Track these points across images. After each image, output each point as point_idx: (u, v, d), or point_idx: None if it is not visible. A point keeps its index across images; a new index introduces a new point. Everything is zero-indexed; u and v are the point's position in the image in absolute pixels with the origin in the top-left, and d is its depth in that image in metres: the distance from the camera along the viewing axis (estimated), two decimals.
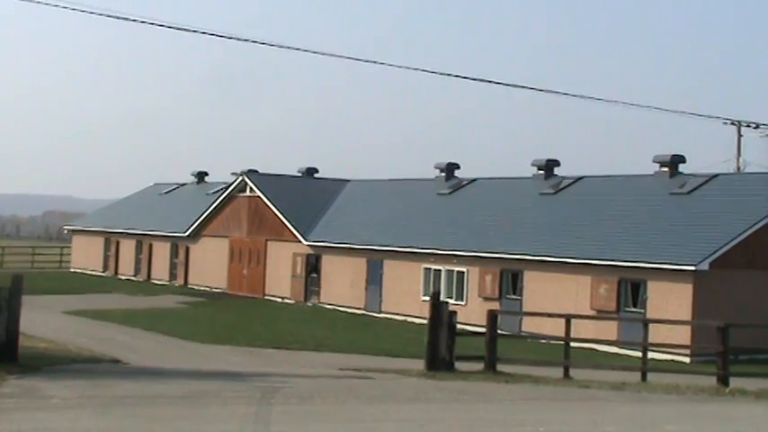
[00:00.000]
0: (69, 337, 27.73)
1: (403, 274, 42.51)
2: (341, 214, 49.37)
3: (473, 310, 37.84)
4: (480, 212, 42.89)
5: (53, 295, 44.84)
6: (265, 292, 49.80)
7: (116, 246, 62.59)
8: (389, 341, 32.93)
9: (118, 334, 31.19)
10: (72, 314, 37.31)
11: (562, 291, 35.92)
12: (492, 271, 38.59)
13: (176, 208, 60.68)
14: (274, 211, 49.73)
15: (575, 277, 35.63)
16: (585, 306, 34.78)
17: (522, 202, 42.31)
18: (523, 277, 37.57)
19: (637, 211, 37.39)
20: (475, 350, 22.74)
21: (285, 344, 30.30)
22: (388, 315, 42.39)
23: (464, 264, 39.84)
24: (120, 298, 46.38)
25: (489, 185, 45.99)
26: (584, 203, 39.82)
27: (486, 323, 22.02)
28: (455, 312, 21.90)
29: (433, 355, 21.15)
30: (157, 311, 40.22)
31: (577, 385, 19.24)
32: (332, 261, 46.35)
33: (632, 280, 34.00)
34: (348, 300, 44.86)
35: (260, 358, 26.40)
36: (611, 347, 32.29)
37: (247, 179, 52.13)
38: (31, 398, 14.29)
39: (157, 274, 58.39)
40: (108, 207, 71.54)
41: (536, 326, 33.91)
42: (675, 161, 39.59)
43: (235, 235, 52.68)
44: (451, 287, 40.12)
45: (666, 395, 18.10)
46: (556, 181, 43.03)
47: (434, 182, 48.45)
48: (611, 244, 35.48)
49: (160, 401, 14.48)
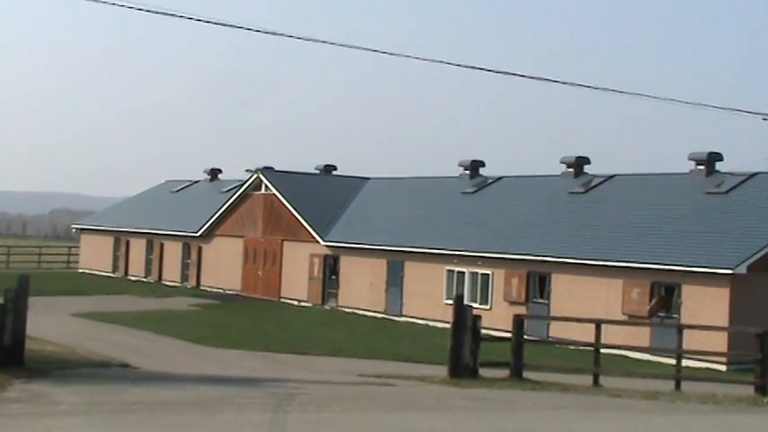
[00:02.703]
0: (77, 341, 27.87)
1: (425, 277, 42.50)
2: (360, 214, 49.40)
3: (498, 315, 37.78)
4: (506, 212, 42.82)
5: (60, 297, 45.07)
6: (281, 295, 49.89)
7: (126, 245, 62.85)
8: (410, 346, 32.92)
9: (127, 337, 31.31)
10: (80, 316, 37.49)
11: (592, 294, 35.82)
12: (518, 273, 38.52)
13: (188, 206, 60.88)
14: (291, 209, 49.80)
15: (605, 280, 35.51)
16: (616, 311, 34.67)
17: (551, 201, 42.21)
18: (551, 280, 37.49)
19: (671, 211, 37.24)
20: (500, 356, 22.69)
21: (301, 348, 30.34)
22: (410, 319, 42.39)
23: (489, 266, 39.79)
24: (129, 300, 46.57)
25: (516, 184, 45.91)
26: (615, 203, 39.69)
27: (512, 328, 21.97)
28: (479, 317, 21.87)
29: (457, 362, 21.13)
30: (169, 314, 40.37)
31: (608, 394, 19.18)
32: (351, 262, 46.38)
33: (666, 283, 33.86)
34: (367, 303, 44.89)
35: (275, 363, 26.45)
36: (643, 354, 32.20)
37: (262, 176, 52.24)
38: (38, 403, 14.38)
39: (169, 276, 58.60)
40: (117, 205, 71.85)
41: (564, 331, 33.82)
42: (712, 159, 39.39)
43: (249, 235, 52.79)
44: (476, 290, 40.07)
45: (701, 405, 18.02)
46: (586, 179, 42.90)
47: (458, 180, 48.42)
48: (643, 246, 35.35)
49: (171, 408, 14.53)
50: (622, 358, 31.48)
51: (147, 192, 70.45)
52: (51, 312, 37.26)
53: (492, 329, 34.34)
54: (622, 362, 30.52)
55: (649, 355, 32.11)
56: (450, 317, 22.06)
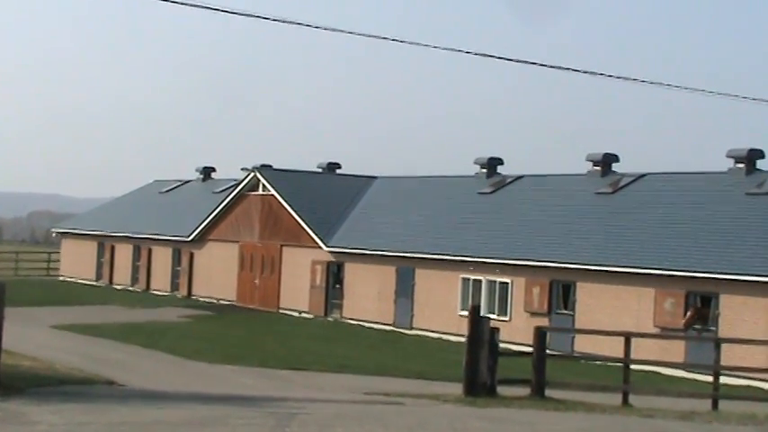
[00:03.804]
0: (58, 355, 27.88)
1: (438, 286, 42.50)
2: (367, 216, 49.43)
3: (518, 327, 37.75)
4: (527, 214, 42.80)
5: (39, 307, 45.10)
6: (280, 306, 49.93)
7: (111, 251, 62.96)
8: (422, 362, 32.92)
9: (113, 352, 31.34)
10: (61, 329, 37.54)
11: (621, 305, 35.78)
12: (540, 282, 38.50)
13: (179, 208, 60.98)
14: (291, 211, 49.86)
15: (636, 289, 35.47)
16: (648, 323, 34.62)
17: (576, 202, 42.19)
18: (576, 289, 37.46)
19: (708, 213, 37.17)
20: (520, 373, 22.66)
21: (302, 364, 30.34)
22: (421, 332, 42.39)
23: (508, 273, 39.77)
24: (115, 311, 46.62)
25: (537, 183, 45.89)
26: (646, 205, 39.64)
27: (534, 342, 21.95)
28: (497, 329, 21.86)
29: (473, 379, 21.12)
30: (158, 326, 40.41)
31: (639, 414, 19.15)
32: (356, 270, 46.40)
33: (702, 293, 33.79)
34: (375, 314, 44.91)
35: (273, 380, 26.46)
36: (677, 371, 32.13)
37: (260, 175, 52.31)
38: (14, 423, 14.38)
39: (158, 284, 58.69)
40: (102, 207, 71.98)
41: (591, 345, 33.77)
42: (752, 157, 39.31)
43: (245, 239, 52.86)
44: (493, 300, 40.06)
45: (741, 426, 17.97)
46: (614, 179, 42.88)
47: (474, 179, 48.42)
48: (678, 251, 35.30)
49: (160, 429, 14.52)
50: (654, 375, 31.42)
51: (134, 192, 70.58)
52: (29, 324, 37.26)
53: (511, 343, 34.30)
54: (654, 379, 30.45)
55: (684, 371, 32.03)
56: (465, 329, 22.04)
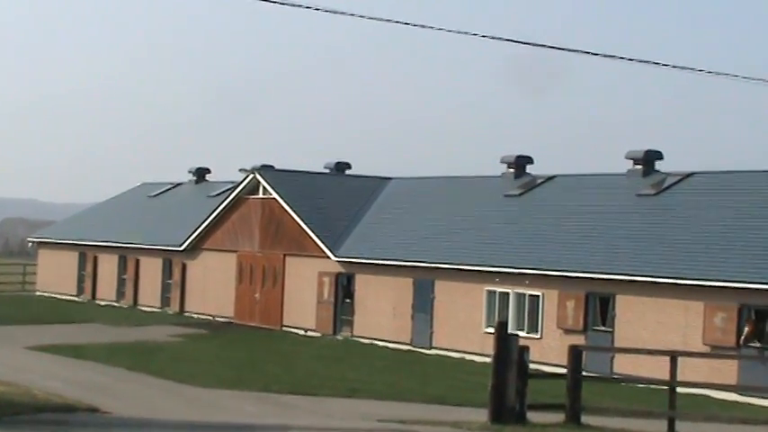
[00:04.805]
0: (35, 379, 27.99)
1: (460, 299, 42.49)
2: (380, 222, 49.46)
3: (550, 346, 37.72)
4: (560, 219, 42.77)
5: (14, 326, 45.25)
6: (283, 323, 49.97)
7: (93, 263, 63.10)
8: (442, 385, 32.93)
9: (96, 375, 31.44)
10: (38, 350, 37.64)
11: (666, 320, 35.72)
12: (575, 295, 38.48)
13: (170, 214, 61.09)
14: (295, 217, 49.90)
15: (683, 303, 35.40)
16: (696, 340, 34.56)
17: (614, 205, 42.14)
18: (616, 303, 37.42)
19: (762, 216, 37.08)
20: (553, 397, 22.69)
21: (309, 388, 30.39)
22: (441, 351, 42.39)
23: (539, 285, 39.75)
24: (98, 329, 46.73)
25: (571, 184, 45.86)
26: (694, 207, 39.57)
27: (568, 362, 21.97)
28: (527, 348, 21.88)
29: (500, 404, 21.15)
30: (146, 346, 40.49)
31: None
32: (369, 282, 46.43)
33: (759, 306, 33.74)
34: (389, 332, 44.91)
35: (276, 407, 26.52)
36: (729, 394, 32.06)
37: (260, 177, 52.37)
38: None
39: (146, 299, 58.79)
40: (83, 213, 72.15)
41: (632, 366, 33.71)
42: None
43: (244, 248, 52.93)
44: (522, 315, 40.04)
45: None
46: (658, 179, 42.82)
47: (501, 180, 48.41)
48: (730, 260, 35.24)
49: None
50: (704, 399, 31.38)
51: (120, 197, 70.73)
52: (3, 345, 37.41)
53: (543, 364, 34.27)
54: (704, 403, 30.42)
55: (737, 394, 31.97)
56: (490, 348, 22.07)
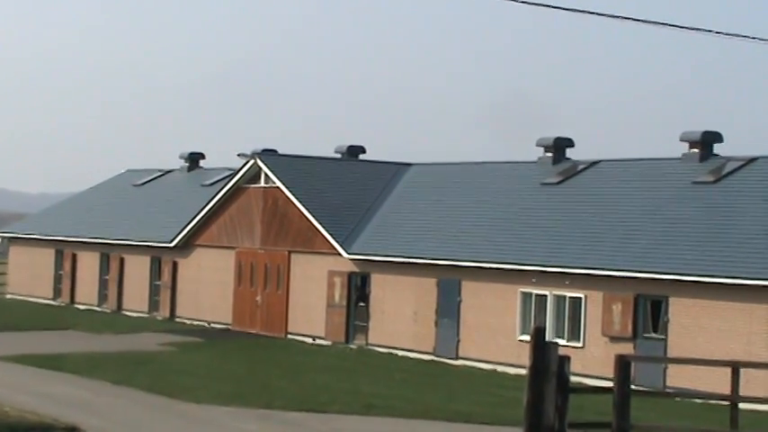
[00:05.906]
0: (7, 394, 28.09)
1: (490, 303, 42.44)
2: (399, 214, 49.43)
3: (594, 355, 37.66)
4: (604, 211, 42.67)
5: None
6: (288, 330, 50.00)
7: (72, 261, 63.18)
8: (470, 400, 32.94)
9: (76, 390, 31.51)
10: (10, 360, 37.77)
11: (727, 327, 35.62)
12: (622, 297, 38.39)
13: (158, 206, 61.16)
14: (301, 209, 49.87)
15: (746, 307, 35.30)
16: (762, 349, 34.47)
17: (666, 194, 42.01)
18: (669, 306, 37.33)
19: None
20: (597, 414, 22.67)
21: (318, 404, 30.43)
22: (469, 362, 42.37)
23: (580, 287, 39.68)
24: (78, 337, 46.85)
25: (617, 171, 45.75)
26: (758, 196, 39.44)
27: (615, 374, 21.91)
28: (568, 358, 21.83)
29: (536, 421, 21.12)
30: (132, 357, 40.57)
31: None
32: (386, 283, 46.41)
33: None
34: (410, 340, 44.90)
35: (281, 425, 26.57)
36: None
37: (262, 163, 52.35)
38: None
39: (132, 303, 58.87)
40: (60, 205, 72.25)
41: (688, 378, 33.66)
42: None
43: (244, 245, 52.95)
44: (562, 321, 39.99)
45: None
46: (717, 164, 42.68)
47: (536, 165, 48.34)
48: None
49: None
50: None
51: (102, 186, 70.81)
52: None
53: (585, 376, 34.25)
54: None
55: None
56: (526, 359, 22.03)
